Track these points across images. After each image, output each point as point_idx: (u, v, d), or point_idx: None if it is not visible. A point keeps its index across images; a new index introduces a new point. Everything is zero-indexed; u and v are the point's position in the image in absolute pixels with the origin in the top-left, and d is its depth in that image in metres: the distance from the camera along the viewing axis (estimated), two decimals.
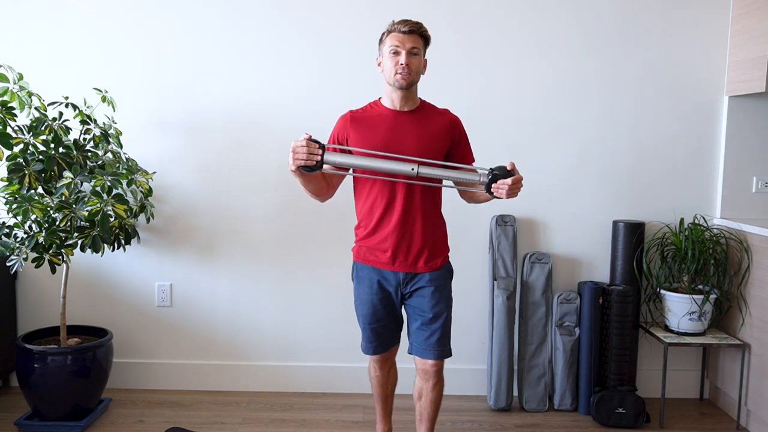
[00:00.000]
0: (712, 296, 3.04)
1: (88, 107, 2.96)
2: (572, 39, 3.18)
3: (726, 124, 3.20)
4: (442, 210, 2.40)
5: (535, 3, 3.16)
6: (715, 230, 3.15)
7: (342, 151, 2.30)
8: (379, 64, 2.29)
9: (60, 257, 2.79)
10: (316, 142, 2.13)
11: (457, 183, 2.31)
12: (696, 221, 3.19)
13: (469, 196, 2.39)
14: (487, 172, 2.12)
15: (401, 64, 2.18)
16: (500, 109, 3.21)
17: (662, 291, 3.10)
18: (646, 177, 3.25)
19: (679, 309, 3.03)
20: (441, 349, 2.34)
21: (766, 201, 3.23)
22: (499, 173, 2.10)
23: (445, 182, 2.38)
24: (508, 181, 2.10)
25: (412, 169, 2.13)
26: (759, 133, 3.20)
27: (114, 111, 3.06)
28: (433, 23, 3.12)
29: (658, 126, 3.23)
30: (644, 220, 3.22)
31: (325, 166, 2.18)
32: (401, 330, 2.47)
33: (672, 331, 3.09)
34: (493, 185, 2.12)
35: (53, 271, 2.75)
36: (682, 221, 3.18)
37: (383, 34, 2.26)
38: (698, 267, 3.03)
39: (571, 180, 3.25)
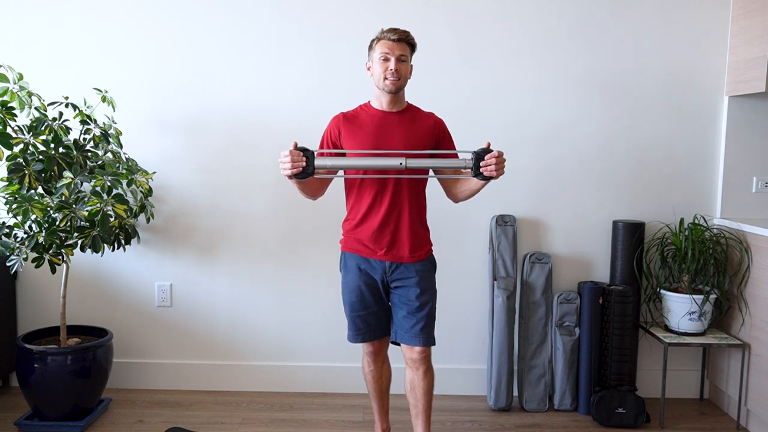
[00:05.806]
0: (712, 296, 3.04)
1: (88, 107, 2.96)
2: (572, 38, 3.18)
3: (726, 124, 3.20)
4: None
5: (534, 3, 3.16)
6: (715, 230, 3.15)
7: (335, 148, 2.41)
8: (368, 69, 2.41)
9: (60, 257, 2.79)
10: (304, 150, 2.22)
11: (445, 171, 2.42)
12: (696, 221, 3.19)
13: (455, 193, 2.46)
14: (470, 156, 2.20)
15: (391, 70, 2.32)
16: (500, 109, 3.21)
17: (662, 291, 3.10)
18: (646, 177, 3.25)
19: (679, 309, 3.03)
20: (427, 336, 2.42)
21: (766, 201, 3.23)
22: (482, 152, 2.18)
23: (432, 173, 2.45)
24: (495, 153, 2.20)
25: (401, 163, 2.24)
26: (759, 133, 3.20)
27: (114, 111, 3.06)
28: (431, 24, 3.15)
29: (658, 126, 3.23)
30: (644, 220, 3.22)
31: (316, 174, 2.27)
32: (390, 321, 2.51)
33: (672, 331, 3.09)
34: (481, 163, 2.20)
35: (53, 271, 2.75)
36: (682, 221, 3.18)
37: (373, 41, 2.38)
38: (698, 267, 3.03)
39: (571, 180, 3.25)
